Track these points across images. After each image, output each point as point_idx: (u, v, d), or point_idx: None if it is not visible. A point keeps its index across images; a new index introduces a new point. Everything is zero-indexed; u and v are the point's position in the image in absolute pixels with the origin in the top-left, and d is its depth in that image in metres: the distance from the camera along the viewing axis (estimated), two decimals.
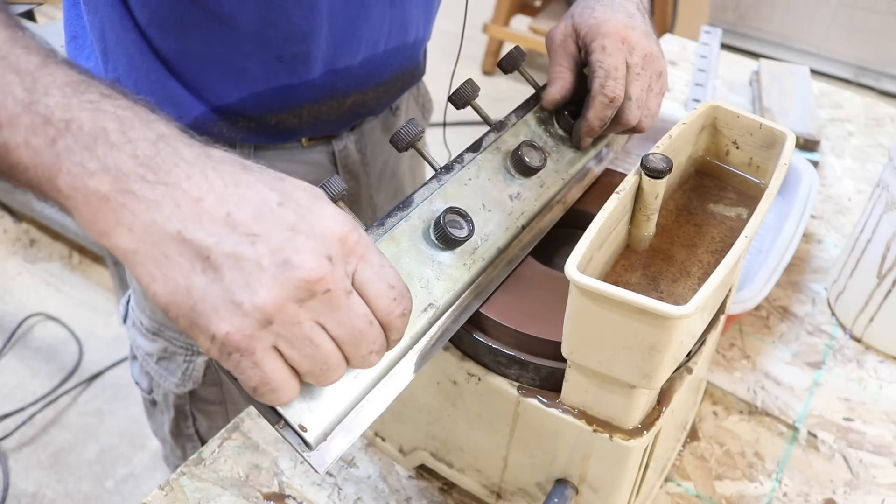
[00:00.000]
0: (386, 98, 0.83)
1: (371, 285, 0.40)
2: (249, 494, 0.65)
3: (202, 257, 0.36)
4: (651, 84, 0.63)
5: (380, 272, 0.40)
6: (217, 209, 0.37)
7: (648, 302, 0.42)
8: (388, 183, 0.93)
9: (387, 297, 0.40)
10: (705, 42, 1.38)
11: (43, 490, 1.60)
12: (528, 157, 0.61)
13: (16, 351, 1.89)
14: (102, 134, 0.37)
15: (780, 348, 0.85)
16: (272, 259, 0.37)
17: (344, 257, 0.39)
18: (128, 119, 0.38)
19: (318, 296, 0.37)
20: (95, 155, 0.37)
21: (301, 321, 0.38)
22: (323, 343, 0.39)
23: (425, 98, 0.98)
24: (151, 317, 0.85)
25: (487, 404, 0.56)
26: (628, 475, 0.53)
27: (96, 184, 0.36)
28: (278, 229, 0.37)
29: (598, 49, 0.61)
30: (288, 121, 0.75)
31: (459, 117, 0.87)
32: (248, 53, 0.69)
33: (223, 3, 0.64)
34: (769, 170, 0.58)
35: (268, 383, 0.38)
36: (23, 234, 2.19)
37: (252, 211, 0.37)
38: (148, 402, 0.95)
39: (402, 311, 0.41)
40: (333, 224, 0.39)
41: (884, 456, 0.74)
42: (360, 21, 0.71)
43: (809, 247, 1.00)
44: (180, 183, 0.37)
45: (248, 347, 0.37)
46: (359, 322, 0.39)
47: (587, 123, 0.62)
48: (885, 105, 1.34)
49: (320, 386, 0.42)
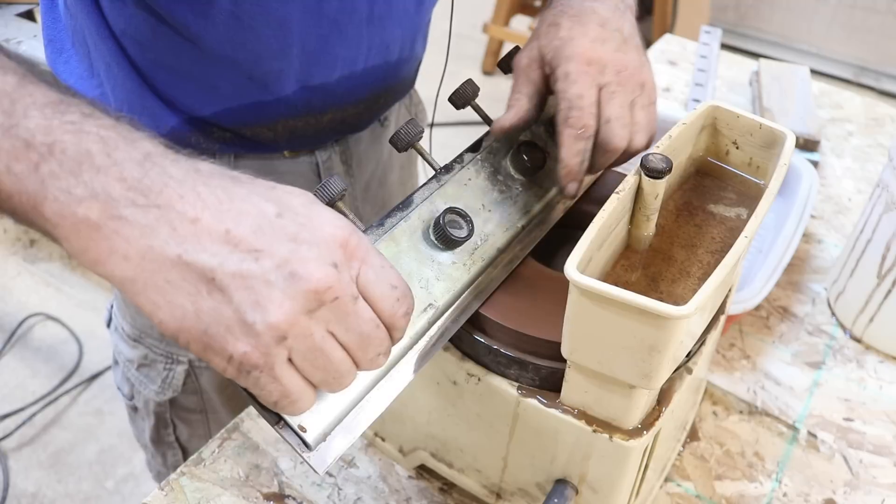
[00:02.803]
0: (367, 114, 0.81)
1: (375, 288, 0.40)
2: (249, 494, 0.65)
3: (207, 279, 0.36)
4: (634, 99, 0.57)
5: (381, 273, 0.40)
6: (215, 227, 0.36)
7: (648, 302, 0.42)
8: (374, 194, 0.92)
9: (390, 298, 0.41)
10: (705, 42, 1.38)
11: (43, 490, 1.60)
12: (529, 157, 0.61)
13: (16, 351, 1.89)
14: (87, 157, 0.36)
15: (780, 348, 0.85)
16: (278, 273, 0.36)
17: (347, 262, 0.39)
18: (111, 139, 0.37)
19: (327, 304, 0.38)
20: (82, 180, 0.35)
21: (313, 332, 0.38)
22: (334, 351, 0.39)
23: (418, 108, 0.96)
24: (132, 323, 0.85)
25: (487, 404, 0.56)
26: (628, 475, 0.53)
27: (85, 211, 0.35)
28: (280, 242, 0.37)
29: (562, 77, 0.55)
30: (263, 134, 0.74)
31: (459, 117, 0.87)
32: (218, 73, 0.68)
33: (191, 24, 0.63)
34: (769, 170, 0.58)
35: (287, 396, 0.39)
36: (23, 234, 2.19)
37: (251, 225, 0.37)
38: (130, 409, 0.95)
39: (406, 310, 0.42)
40: (334, 230, 0.39)
41: (884, 456, 0.74)
42: (334, 39, 0.70)
43: (809, 247, 1.00)
44: (173, 204, 0.36)
45: (267, 364, 0.37)
46: (366, 326, 0.40)
47: (563, 164, 0.56)
48: (885, 105, 1.34)
49: (332, 392, 0.43)
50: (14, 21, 1.59)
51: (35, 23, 1.61)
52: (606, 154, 0.57)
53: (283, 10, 0.65)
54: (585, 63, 0.55)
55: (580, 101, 0.55)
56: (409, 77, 0.86)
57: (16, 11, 1.62)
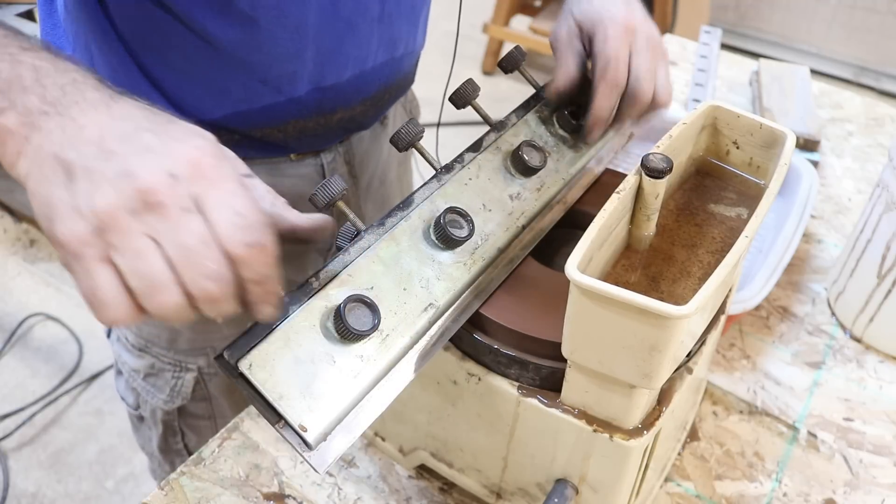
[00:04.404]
0: (373, 111, 0.82)
1: (215, 210, 0.39)
2: (249, 494, 0.65)
3: (67, 172, 0.39)
4: (658, 62, 0.65)
5: (229, 199, 0.39)
6: (93, 134, 0.40)
7: (649, 302, 0.42)
8: (375, 193, 0.92)
9: (230, 222, 0.39)
10: (705, 42, 1.38)
11: (43, 490, 1.60)
12: (529, 157, 0.61)
13: (16, 351, 1.89)
14: (17, 80, 0.41)
15: (780, 348, 0.85)
16: (117, 171, 0.38)
17: (191, 178, 0.39)
18: (44, 69, 0.42)
19: (152, 208, 0.38)
20: (8, 97, 0.40)
21: (132, 232, 0.38)
22: (151, 257, 0.38)
23: (413, 104, 0.96)
24: (137, 333, 0.84)
25: (487, 404, 0.56)
26: (628, 475, 0.53)
27: (4, 120, 0.40)
28: (136, 150, 0.39)
29: (601, 38, 0.63)
30: (273, 135, 0.75)
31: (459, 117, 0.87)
32: (230, 75, 0.68)
33: (208, 24, 0.64)
34: (769, 170, 0.58)
35: (96, 294, 0.38)
36: (23, 234, 2.19)
37: (120, 135, 0.40)
38: (135, 418, 0.93)
39: (249, 241, 0.39)
40: (190, 149, 0.40)
41: (884, 456, 0.74)
42: (348, 39, 0.70)
43: (809, 247, 1.00)
44: (74, 116, 0.40)
45: (80, 252, 0.38)
46: (191, 240, 0.38)
47: (594, 113, 0.64)
48: (885, 105, 1.34)
49: (153, 312, 0.40)
50: (14, 21, 1.59)
51: (35, 23, 1.61)
52: (635, 106, 0.65)
53: (299, 12, 0.65)
54: (622, 28, 0.63)
55: (617, 59, 0.62)
56: (411, 72, 0.87)
57: (16, 11, 1.63)
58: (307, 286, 0.48)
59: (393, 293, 0.50)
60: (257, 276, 0.40)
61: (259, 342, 0.45)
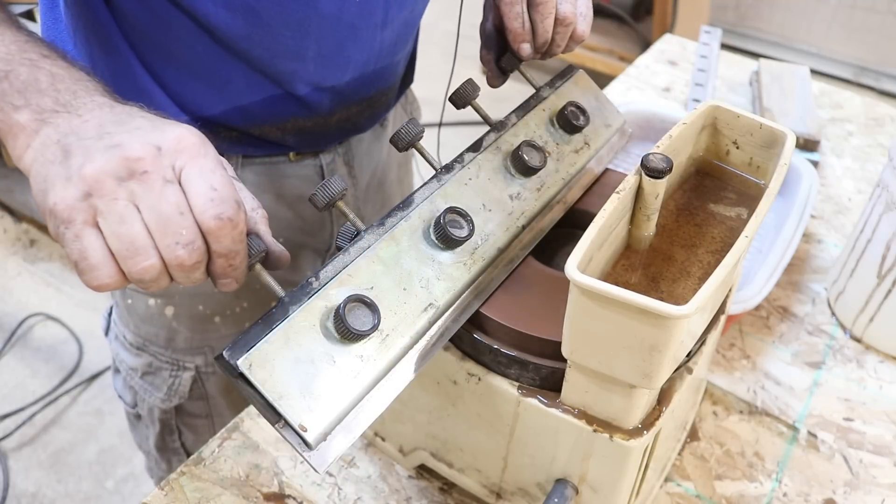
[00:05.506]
0: (370, 113, 0.82)
1: (193, 182, 0.42)
2: (249, 494, 0.65)
3: (65, 152, 0.42)
4: None
5: (207, 175, 0.42)
6: (94, 123, 0.43)
7: (649, 302, 0.42)
8: (375, 194, 0.92)
9: (204, 196, 0.42)
10: (705, 42, 1.38)
11: (43, 490, 1.60)
12: (528, 157, 0.61)
13: (16, 351, 1.89)
14: (34, 83, 0.45)
15: (780, 348, 0.85)
16: (108, 144, 0.42)
17: (174, 152, 0.42)
18: (59, 75, 0.46)
19: (136, 176, 0.41)
20: (24, 97, 0.44)
21: (117, 197, 0.41)
22: (132, 222, 0.41)
23: (413, 105, 0.96)
24: (135, 331, 0.84)
25: (487, 404, 0.56)
26: (628, 475, 0.53)
27: (19, 116, 0.44)
28: (128, 129, 0.43)
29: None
30: (272, 133, 0.75)
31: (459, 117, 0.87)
32: (232, 68, 0.68)
33: (211, 14, 0.64)
34: (769, 170, 0.58)
35: (86, 258, 0.41)
36: (23, 234, 2.19)
37: (117, 121, 0.43)
38: (132, 416, 0.94)
39: (219, 213, 0.42)
40: (179, 129, 0.43)
41: (884, 456, 0.74)
42: (349, 43, 0.71)
43: (809, 247, 1.00)
44: (80, 111, 0.44)
45: (70, 217, 0.40)
46: (168, 209, 0.41)
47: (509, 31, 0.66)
48: (885, 105, 1.34)
49: (132, 276, 0.42)
50: None
51: (35, 23, 1.61)
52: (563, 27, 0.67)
53: (302, 12, 0.65)
54: None
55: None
56: (409, 73, 0.87)
57: (16, 11, 1.62)
58: (307, 286, 0.48)
59: (393, 293, 0.50)
60: (224, 250, 0.43)
61: (259, 342, 0.45)
